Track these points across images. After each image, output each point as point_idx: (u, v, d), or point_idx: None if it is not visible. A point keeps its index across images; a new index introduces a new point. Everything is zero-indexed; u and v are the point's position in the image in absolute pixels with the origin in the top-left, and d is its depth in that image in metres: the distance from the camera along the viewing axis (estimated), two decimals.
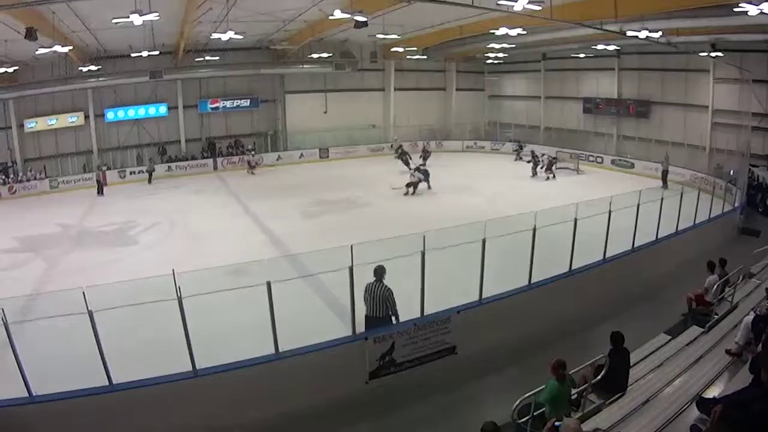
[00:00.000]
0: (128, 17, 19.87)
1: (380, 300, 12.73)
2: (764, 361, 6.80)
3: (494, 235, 14.09)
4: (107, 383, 10.37)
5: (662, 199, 20.32)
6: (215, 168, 41.75)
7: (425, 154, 39.96)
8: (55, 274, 20.15)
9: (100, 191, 34.32)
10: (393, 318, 13.01)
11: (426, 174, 32.61)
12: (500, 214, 22.24)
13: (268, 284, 11.09)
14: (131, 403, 10.50)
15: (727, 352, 10.61)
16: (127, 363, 10.97)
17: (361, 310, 12.74)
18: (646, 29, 24.32)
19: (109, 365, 10.34)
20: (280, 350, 11.71)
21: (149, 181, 38.46)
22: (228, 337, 13.46)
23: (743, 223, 26.96)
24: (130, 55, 35.01)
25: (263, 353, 11.69)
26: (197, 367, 10.99)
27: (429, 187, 32.17)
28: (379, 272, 12.65)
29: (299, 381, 11.94)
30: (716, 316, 14.32)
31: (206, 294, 10.55)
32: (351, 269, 11.96)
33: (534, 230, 15.24)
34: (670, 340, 13.94)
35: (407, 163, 37.22)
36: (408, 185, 31.24)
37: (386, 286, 12.67)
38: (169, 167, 40.28)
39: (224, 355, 11.58)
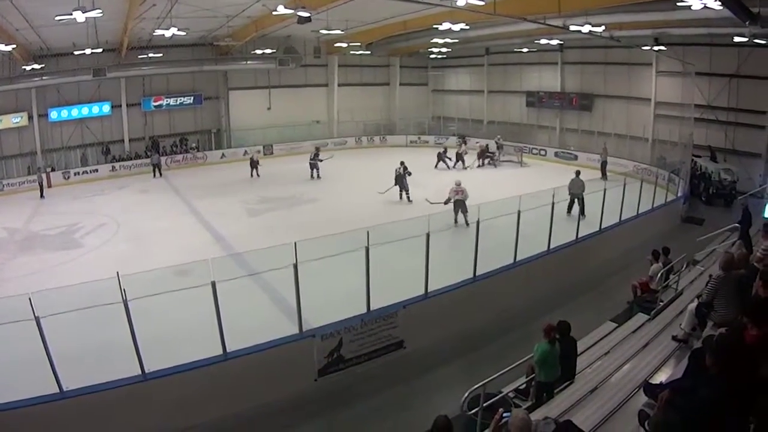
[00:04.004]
0: (71, 14, 19.42)
1: None
2: (708, 347, 6.85)
3: (438, 229, 14.10)
4: (57, 390, 10.13)
5: (605, 189, 20.53)
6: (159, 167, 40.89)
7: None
8: (1, 280, 19.62)
9: (42, 194, 33.41)
10: None
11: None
12: (444, 208, 22.33)
13: (213, 284, 10.94)
14: (82, 410, 10.28)
15: (674, 338, 10.72)
16: (76, 369, 10.72)
17: (306, 308, 12.58)
18: (589, 24, 24.57)
19: (58, 372, 10.09)
20: (228, 350, 11.58)
21: (158, 173, 38.90)
22: (177, 339, 13.21)
23: (686, 212, 27.57)
24: (73, 53, 34.04)
25: (212, 354, 11.54)
26: (146, 370, 10.81)
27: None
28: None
29: (249, 381, 11.83)
30: (661, 303, 14.49)
31: (152, 296, 10.38)
32: (295, 266, 11.88)
33: (477, 223, 15.32)
34: (616, 328, 14.13)
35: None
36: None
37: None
38: (113, 167, 39.34)
39: (173, 357, 11.38)
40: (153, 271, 11.74)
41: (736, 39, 27.51)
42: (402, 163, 30.02)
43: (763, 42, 28.19)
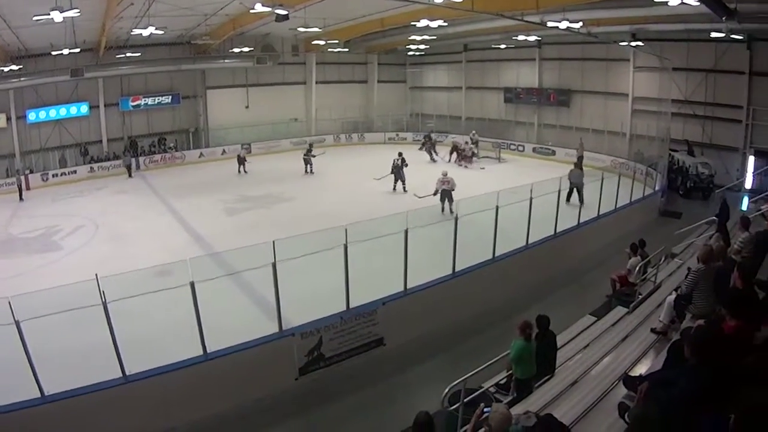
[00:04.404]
0: (49, 14, 19.24)
1: None
2: (686, 338, 6.87)
3: (417, 225, 14.09)
4: (39, 395, 10.03)
5: (582, 184, 20.62)
6: (138, 167, 40.40)
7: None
8: None
9: (21, 196, 33.06)
10: None
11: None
12: (423, 205, 22.33)
13: (192, 285, 10.88)
14: (64, 414, 10.19)
15: (653, 330, 10.75)
16: (57, 373, 10.55)
17: (286, 306, 12.55)
18: (567, 20, 24.65)
19: (39, 376, 9.99)
20: (209, 351, 11.51)
21: (131, 174, 38.40)
22: (158, 340, 13.12)
23: (664, 205, 27.78)
24: (51, 53, 33.74)
25: (192, 355, 11.47)
26: (127, 372, 10.72)
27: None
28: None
29: (229, 381, 11.77)
30: (640, 296, 14.55)
31: (132, 297, 10.31)
32: (274, 265, 11.86)
33: (456, 219, 15.32)
34: (595, 321, 14.15)
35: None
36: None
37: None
38: (91, 168, 38.95)
39: (155, 358, 11.29)
40: (132, 272, 11.62)
41: (713, 35, 27.74)
42: (400, 154, 30.90)
43: (739, 37, 28.54)
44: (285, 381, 12.50)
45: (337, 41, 41.94)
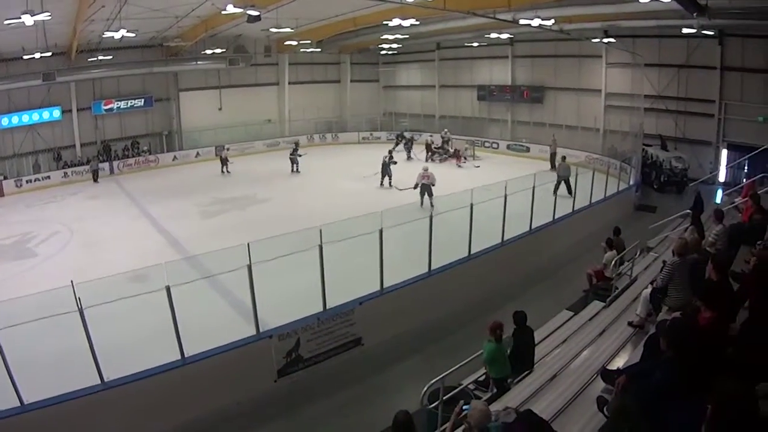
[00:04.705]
0: (20, 18, 19.07)
1: None
2: (662, 331, 6.91)
3: (392, 225, 14.09)
4: (18, 404, 9.90)
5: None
6: (111, 172, 40.11)
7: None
8: None
9: None
10: None
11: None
12: (397, 204, 22.32)
13: (168, 289, 10.80)
14: (44, 423, 10.05)
15: (630, 324, 10.81)
16: (36, 381, 10.45)
17: (262, 308, 12.48)
18: (539, 17, 24.72)
19: (18, 385, 9.88)
20: (187, 355, 11.44)
21: (95, 179, 37.84)
22: (135, 346, 12.97)
23: (639, 200, 28.09)
24: (23, 57, 33.39)
25: (170, 359, 11.38)
26: (105, 379, 10.61)
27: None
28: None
29: (208, 385, 11.70)
30: (616, 290, 14.63)
31: (109, 303, 10.22)
32: (249, 267, 11.82)
33: (431, 217, 15.38)
34: (572, 316, 14.24)
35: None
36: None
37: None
38: (65, 173, 38.49)
39: (133, 364, 11.19)
40: (108, 278, 11.51)
41: (685, 30, 28.05)
42: (390, 152, 32.49)
43: (711, 33, 28.84)
44: (264, 383, 12.45)
45: (309, 41, 41.82)
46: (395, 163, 31.43)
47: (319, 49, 45.13)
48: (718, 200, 24.37)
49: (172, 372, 11.30)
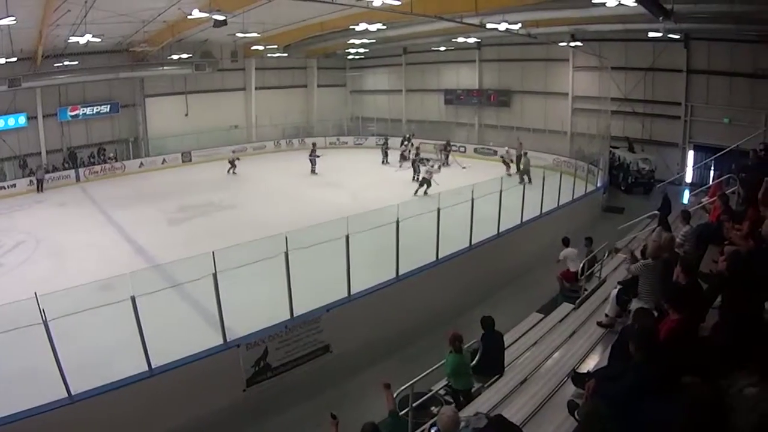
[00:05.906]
0: None
1: None
2: (630, 334, 6.90)
3: (358, 230, 14.03)
4: None
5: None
6: (78, 179, 39.60)
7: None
8: None
9: None
10: None
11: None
12: (364, 209, 22.21)
13: (133, 299, 10.63)
14: None
15: (599, 324, 10.84)
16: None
17: (229, 317, 12.35)
18: (506, 22, 24.77)
19: None
20: (154, 366, 11.26)
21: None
22: (102, 357, 12.77)
23: (606, 201, 28.36)
24: None
25: (138, 371, 11.19)
26: (73, 392, 10.39)
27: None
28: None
29: (177, 396, 11.53)
30: (585, 292, 14.68)
31: (74, 314, 9.99)
32: (215, 275, 11.67)
33: (397, 222, 15.28)
34: (542, 318, 14.28)
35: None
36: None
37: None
38: (31, 181, 37.81)
39: (101, 376, 11.02)
40: (73, 288, 11.27)
41: (651, 34, 28.29)
42: (417, 148, 35.60)
43: (676, 37, 29.15)
44: (233, 393, 12.34)
45: (276, 46, 41.59)
46: (425, 160, 33.31)
47: (286, 54, 44.81)
48: (685, 201, 24.66)
49: (139, 383, 11.10)
